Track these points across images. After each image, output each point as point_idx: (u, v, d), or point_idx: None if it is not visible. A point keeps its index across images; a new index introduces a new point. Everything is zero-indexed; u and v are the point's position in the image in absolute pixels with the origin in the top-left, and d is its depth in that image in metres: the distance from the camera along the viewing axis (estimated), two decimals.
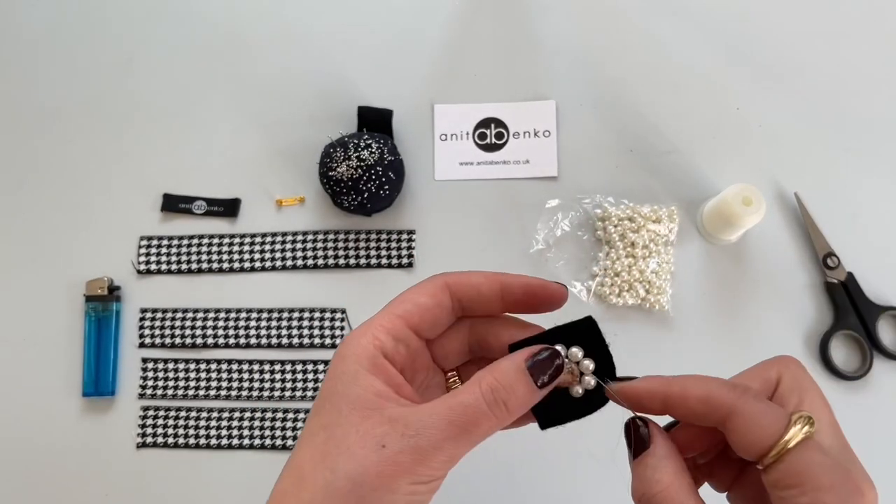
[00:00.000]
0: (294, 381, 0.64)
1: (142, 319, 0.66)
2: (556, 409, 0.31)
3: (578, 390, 0.31)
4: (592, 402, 0.31)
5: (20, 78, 0.72)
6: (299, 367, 0.65)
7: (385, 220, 0.67)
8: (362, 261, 0.66)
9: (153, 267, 0.67)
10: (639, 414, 0.30)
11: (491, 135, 0.68)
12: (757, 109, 0.67)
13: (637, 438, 0.29)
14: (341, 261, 0.66)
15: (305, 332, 0.65)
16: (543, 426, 0.31)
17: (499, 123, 0.68)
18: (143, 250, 0.67)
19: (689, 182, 0.66)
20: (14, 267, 0.68)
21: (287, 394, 0.64)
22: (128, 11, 0.73)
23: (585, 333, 0.31)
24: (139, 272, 0.67)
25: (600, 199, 0.66)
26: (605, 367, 0.31)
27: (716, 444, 0.31)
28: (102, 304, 0.65)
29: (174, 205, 0.68)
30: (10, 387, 0.66)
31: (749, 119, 0.67)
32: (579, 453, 0.62)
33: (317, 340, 0.65)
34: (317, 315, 0.65)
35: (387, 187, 0.62)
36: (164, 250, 0.67)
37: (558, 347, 0.30)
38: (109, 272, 0.67)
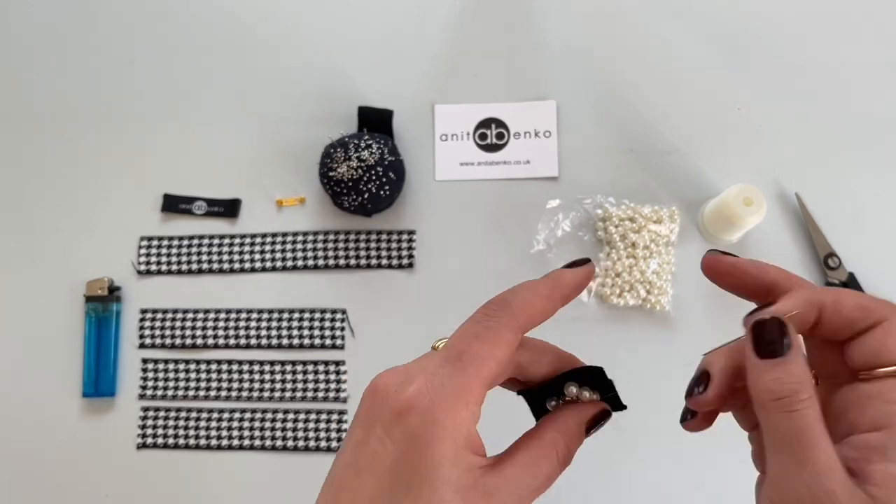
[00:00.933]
0: (294, 381, 0.64)
1: (142, 320, 0.66)
2: None
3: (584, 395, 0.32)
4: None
5: (21, 79, 0.72)
6: (300, 368, 0.65)
7: (385, 220, 0.67)
8: (363, 261, 0.66)
9: (153, 267, 0.67)
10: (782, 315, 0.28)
11: (491, 135, 0.68)
12: (758, 110, 0.67)
13: (776, 339, 0.27)
14: (342, 261, 0.66)
15: (306, 332, 0.65)
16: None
17: (499, 124, 0.68)
18: (143, 251, 0.67)
19: (689, 182, 0.66)
20: (15, 267, 0.68)
21: (287, 394, 0.64)
22: (128, 13, 0.73)
23: (596, 377, 0.32)
24: (139, 273, 0.67)
25: (601, 199, 0.66)
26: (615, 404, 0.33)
27: None
28: (103, 304, 0.65)
29: (174, 205, 0.68)
30: (10, 387, 0.66)
31: (750, 119, 0.67)
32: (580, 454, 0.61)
33: (317, 341, 0.65)
34: (317, 315, 0.65)
35: (387, 188, 0.62)
36: (164, 251, 0.67)
37: (572, 389, 0.32)
38: (110, 273, 0.67)
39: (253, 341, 0.65)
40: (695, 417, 0.31)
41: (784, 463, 0.26)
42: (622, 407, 0.33)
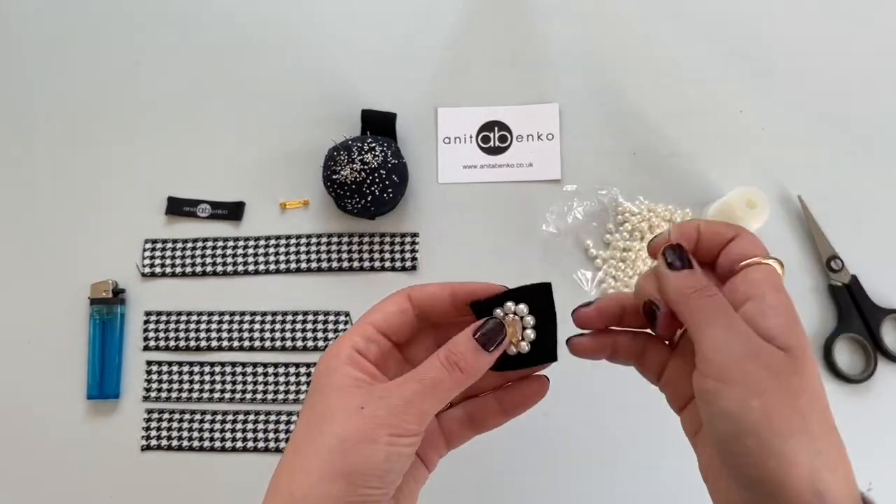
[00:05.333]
0: (298, 383, 0.65)
1: (146, 322, 0.66)
2: (509, 363, 0.36)
3: (524, 346, 0.36)
4: (540, 356, 0.36)
5: (26, 82, 0.72)
6: (303, 370, 0.65)
7: (388, 223, 0.67)
8: (366, 264, 0.66)
9: (157, 270, 0.67)
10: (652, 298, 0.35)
11: (494, 138, 0.68)
12: (760, 112, 0.68)
13: (678, 257, 0.34)
14: (345, 264, 0.66)
15: (309, 334, 0.65)
16: (496, 369, 0.36)
17: (502, 126, 0.69)
18: (147, 253, 0.67)
19: (692, 185, 0.66)
20: (19, 270, 0.68)
21: (291, 396, 0.64)
22: (134, 16, 0.73)
23: (539, 296, 0.36)
24: (143, 275, 0.67)
25: (616, 191, 0.66)
26: (549, 326, 0.36)
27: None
28: (107, 306, 0.65)
29: (178, 208, 0.68)
30: (15, 389, 0.66)
31: (752, 122, 0.67)
32: (583, 457, 0.61)
33: (320, 343, 0.65)
34: (320, 318, 0.65)
35: (390, 190, 0.62)
36: (168, 253, 0.67)
37: (509, 304, 0.36)
38: (114, 275, 0.67)
39: (257, 343, 0.65)
40: (580, 337, 0.38)
41: (715, 335, 0.31)
42: (553, 328, 0.36)
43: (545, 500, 0.62)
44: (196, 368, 0.65)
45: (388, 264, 0.66)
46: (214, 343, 0.66)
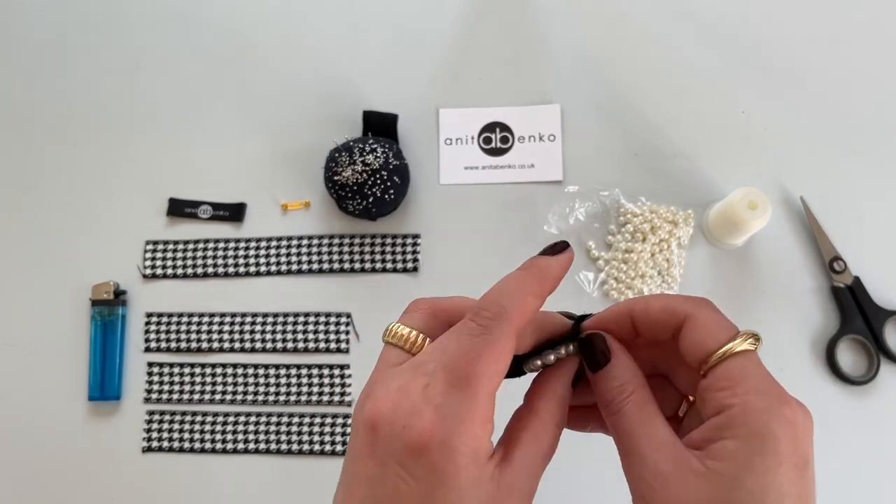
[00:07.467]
0: (300, 385, 0.64)
1: (147, 323, 0.66)
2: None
3: (551, 358, 0.33)
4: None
5: (27, 82, 0.72)
6: (304, 371, 0.65)
7: (390, 224, 0.67)
8: (367, 265, 0.66)
9: (159, 271, 0.67)
10: (597, 331, 0.32)
11: (496, 139, 0.68)
12: (762, 113, 0.67)
13: (596, 353, 0.31)
14: (346, 265, 0.66)
15: (311, 336, 0.65)
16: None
17: (504, 128, 0.68)
18: (148, 254, 0.67)
19: (694, 186, 0.66)
20: (20, 271, 0.68)
21: (292, 398, 0.64)
22: (135, 17, 0.73)
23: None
24: (145, 276, 0.67)
25: (618, 192, 0.66)
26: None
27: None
28: (108, 308, 0.65)
29: (180, 209, 0.68)
30: (16, 390, 0.66)
31: (755, 123, 0.67)
32: (587, 463, 0.61)
33: (322, 345, 0.65)
34: (322, 319, 0.65)
35: (392, 191, 0.62)
36: (169, 254, 0.67)
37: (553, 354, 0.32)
38: (115, 276, 0.67)
39: (258, 345, 0.65)
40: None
41: (624, 462, 0.29)
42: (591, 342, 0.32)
43: (547, 501, 0.61)
44: (197, 370, 0.65)
45: (389, 265, 0.66)
46: (216, 344, 0.66)
